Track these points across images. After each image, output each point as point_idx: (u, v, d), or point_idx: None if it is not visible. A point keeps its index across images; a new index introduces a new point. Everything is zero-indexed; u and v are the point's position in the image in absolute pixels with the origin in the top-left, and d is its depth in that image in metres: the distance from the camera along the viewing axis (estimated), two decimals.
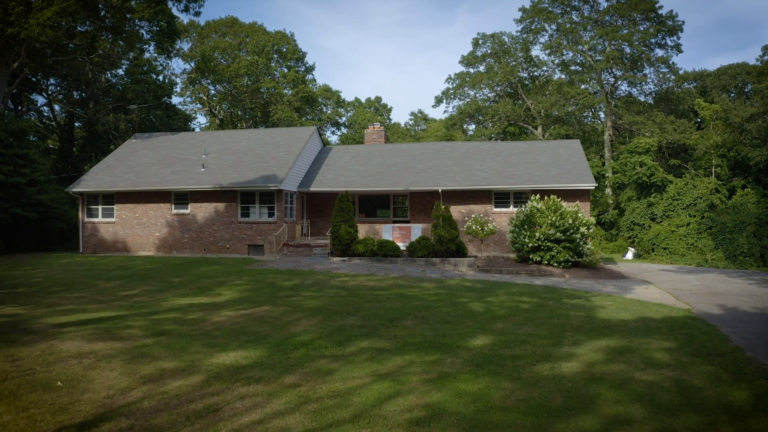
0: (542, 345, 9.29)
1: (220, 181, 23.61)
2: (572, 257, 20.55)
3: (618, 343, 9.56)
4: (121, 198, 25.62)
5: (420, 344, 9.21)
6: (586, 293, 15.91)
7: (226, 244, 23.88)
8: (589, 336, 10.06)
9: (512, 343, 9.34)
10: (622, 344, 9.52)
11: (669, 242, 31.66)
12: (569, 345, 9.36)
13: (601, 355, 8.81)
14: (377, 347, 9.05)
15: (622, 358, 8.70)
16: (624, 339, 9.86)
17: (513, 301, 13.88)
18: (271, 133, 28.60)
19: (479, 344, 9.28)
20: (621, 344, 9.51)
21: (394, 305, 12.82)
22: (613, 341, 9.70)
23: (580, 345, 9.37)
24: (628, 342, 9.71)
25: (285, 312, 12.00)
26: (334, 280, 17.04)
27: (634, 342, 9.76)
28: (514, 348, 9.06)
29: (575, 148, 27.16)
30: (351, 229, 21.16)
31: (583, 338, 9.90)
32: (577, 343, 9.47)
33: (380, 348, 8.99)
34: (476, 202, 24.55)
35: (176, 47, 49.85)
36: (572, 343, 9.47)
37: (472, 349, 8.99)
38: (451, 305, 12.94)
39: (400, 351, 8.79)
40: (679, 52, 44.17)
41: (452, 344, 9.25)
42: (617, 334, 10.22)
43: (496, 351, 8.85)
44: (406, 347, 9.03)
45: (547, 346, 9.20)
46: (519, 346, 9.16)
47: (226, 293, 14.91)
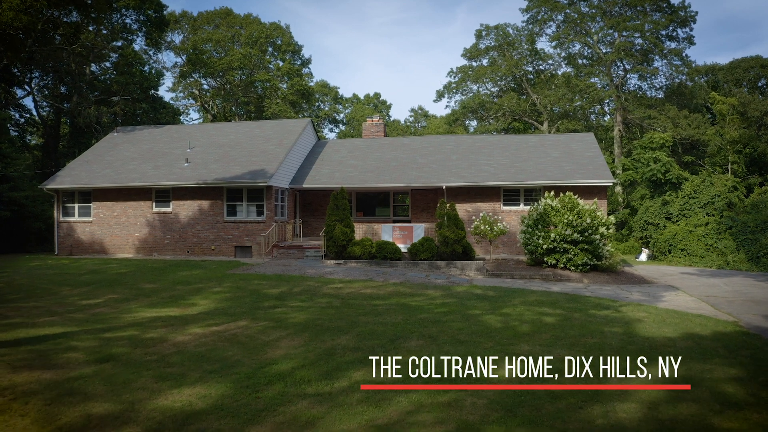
0: (584, 377, 7.34)
1: (204, 177, 21.64)
2: (591, 260, 18.63)
3: (675, 371, 7.63)
4: (98, 195, 23.65)
5: (429, 377, 7.25)
6: (613, 302, 14.01)
7: (211, 246, 21.90)
8: (636, 361, 8.12)
9: (546, 374, 7.39)
10: (681, 373, 7.59)
11: (687, 243, 29.73)
12: (618, 376, 7.42)
13: (661, 392, 6.88)
14: (376, 379, 7.10)
15: (689, 395, 6.78)
16: (681, 366, 7.92)
17: (533, 313, 11.93)
18: (262, 126, 26.61)
19: (505, 376, 7.33)
20: (680, 374, 7.58)
21: (395, 319, 10.87)
22: (668, 369, 7.76)
23: (630, 375, 7.43)
24: (686, 370, 7.79)
25: (265, 329, 10.04)
26: (327, 287, 15.08)
27: (694, 369, 7.85)
28: (550, 381, 7.12)
29: (589, 141, 25.22)
30: (347, 229, 19.20)
31: (632, 365, 7.96)
32: (626, 373, 7.53)
33: (380, 380, 7.04)
34: (483, 200, 22.59)
35: (167, 40, 47.96)
36: (620, 372, 7.53)
37: (496, 383, 7.03)
38: (462, 319, 10.99)
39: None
40: (692, 44, 42.24)
41: (470, 376, 7.29)
42: (669, 358, 8.27)
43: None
44: (412, 381, 7.07)
45: (591, 379, 7.26)
46: (556, 379, 7.20)
47: (202, 303, 12.96)
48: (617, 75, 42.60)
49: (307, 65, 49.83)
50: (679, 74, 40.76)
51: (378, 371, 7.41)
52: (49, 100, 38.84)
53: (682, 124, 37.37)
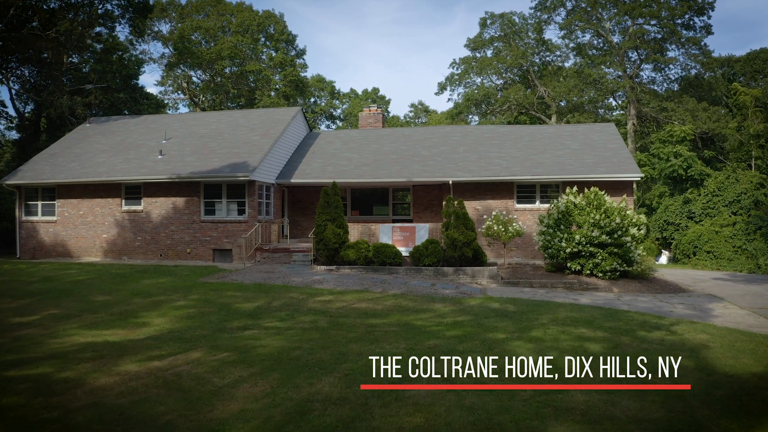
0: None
1: (179, 171, 19.08)
2: (620, 265, 16.14)
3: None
4: (62, 192, 21.10)
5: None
6: (660, 319, 11.54)
7: (187, 249, 19.35)
8: (741, 420, 5.62)
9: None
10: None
11: (713, 245, 27.25)
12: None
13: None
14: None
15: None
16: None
17: (571, 337, 9.43)
18: (247, 115, 24.03)
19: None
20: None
21: (395, 348, 8.36)
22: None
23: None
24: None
25: (222, 364, 7.52)
26: (314, 299, 12.56)
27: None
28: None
29: (611, 132, 22.71)
30: (340, 230, 16.68)
31: (734, 427, 5.47)
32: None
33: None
34: (494, 197, 20.08)
35: (154, 29, 45.36)
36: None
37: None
38: (483, 348, 8.48)
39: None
40: (709, 33, 39.72)
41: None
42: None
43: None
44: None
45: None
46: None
47: (155, 322, 10.44)
48: (630, 66, 40.09)
49: (301, 56, 47.22)
50: (697, 64, 38.23)
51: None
52: (25, 93, 36.26)
53: (701, 117, 34.86)
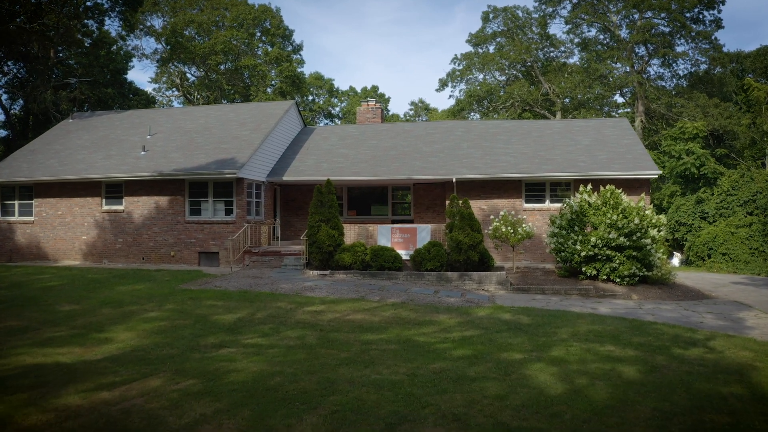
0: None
1: (162, 167, 17.76)
2: (639, 270, 14.83)
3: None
4: (41, 191, 19.78)
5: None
6: (692, 332, 10.27)
7: (170, 252, 18.01)
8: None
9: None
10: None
11: (729, 246, 25.94)
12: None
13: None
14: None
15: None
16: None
17: (597, 356, 8.12)
18: (237, 109, 22.67)
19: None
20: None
21: (394, 374, 7.03)
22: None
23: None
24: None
25: (183, 397, 6.19)
26: (303, 310, 11.23)
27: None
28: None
29: (624, 127, 21.39)
30: (334, 231, 15.35)
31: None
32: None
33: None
34: (501, 196, 18.75)
35: (146, 24, 44.05)
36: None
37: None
38: (497, 372, 7.16)
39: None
40: (720, 27, 38.41)
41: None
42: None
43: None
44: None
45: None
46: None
47: (120, 338, 9.13)
48: (638, 62, 38.76)
49: (298, 51, 45.82)
50: (707, 58, 36.88)
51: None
52: (12, 89, 34.91)
53: (713, 114, 33.54)
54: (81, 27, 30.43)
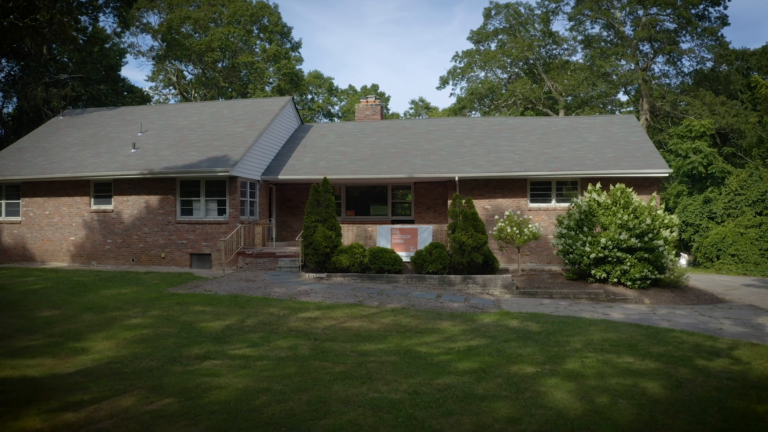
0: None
1: (152, 165, 17.05)
2: (651, 273, 14.14)
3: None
4: (28, 190, 19.09)
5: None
6: (713, 340, 9.59)
7: (161, 253, 17.30)
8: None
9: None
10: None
11: (738, 247, 25.24)
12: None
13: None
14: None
15: None
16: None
17: (615, 369, 7.42)
18: (232, 106, 21.95)
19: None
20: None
21: (394, 391, 6.33)
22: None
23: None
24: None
25: (155, 420, 5.49)
26: (297, 316, 10.54)
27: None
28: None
29: (632, 124, 20.68)
30: (331, 232, 14.64)
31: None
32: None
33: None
34: (505, 195, 18.04)
35: (143, 21, 43.33)
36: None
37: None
38: (508, 390, 6.45)
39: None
40: (726, 24, 37.70)
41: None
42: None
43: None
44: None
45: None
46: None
47: (98, 347, 8.44)
48: (643, 59, 38.03)
49: (296, 49, 45.08)
50: (713, 55, 36.14)
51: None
52: (3, 86, 34.18)
53: (719, 112, 32.81)
54: (74, 23, 29.73)
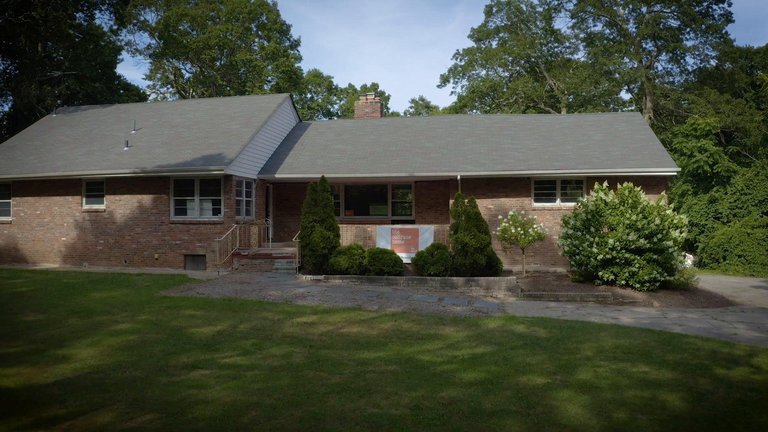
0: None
1: (144, 164, 16.57)
2: (660, 275, 13.68)
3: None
4: (18, 189, 18.60)
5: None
6: (729, 346, 9.14)
7: (154, 254, 16.81)
8: None
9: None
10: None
11: (745, 248, 24.76)
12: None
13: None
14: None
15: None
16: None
17: (631, 380, 6.95)
18: (228, 103, 21.46)
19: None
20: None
21: (395, 404, 5.84)
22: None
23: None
24: None
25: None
26: (292, 321, 10.05)
27: None
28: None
29: (638, 122, 20.21)
30: (329, 233, 14.16)
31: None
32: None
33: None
34: (508, 195, 17.56)
35: (140, 18, 42.83)
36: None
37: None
38: (519, 404, 5.97)
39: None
40: (730, 22, 37.19)
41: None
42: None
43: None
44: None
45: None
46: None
47: (81, 355, 7.96)
48: (646, 57, 37.54)
49: (295, 47, 44.59)
50: (717, 52, 35.65)
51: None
52: None
53: (724, 110, 32.34)
54: (70, 20, 29.24)
